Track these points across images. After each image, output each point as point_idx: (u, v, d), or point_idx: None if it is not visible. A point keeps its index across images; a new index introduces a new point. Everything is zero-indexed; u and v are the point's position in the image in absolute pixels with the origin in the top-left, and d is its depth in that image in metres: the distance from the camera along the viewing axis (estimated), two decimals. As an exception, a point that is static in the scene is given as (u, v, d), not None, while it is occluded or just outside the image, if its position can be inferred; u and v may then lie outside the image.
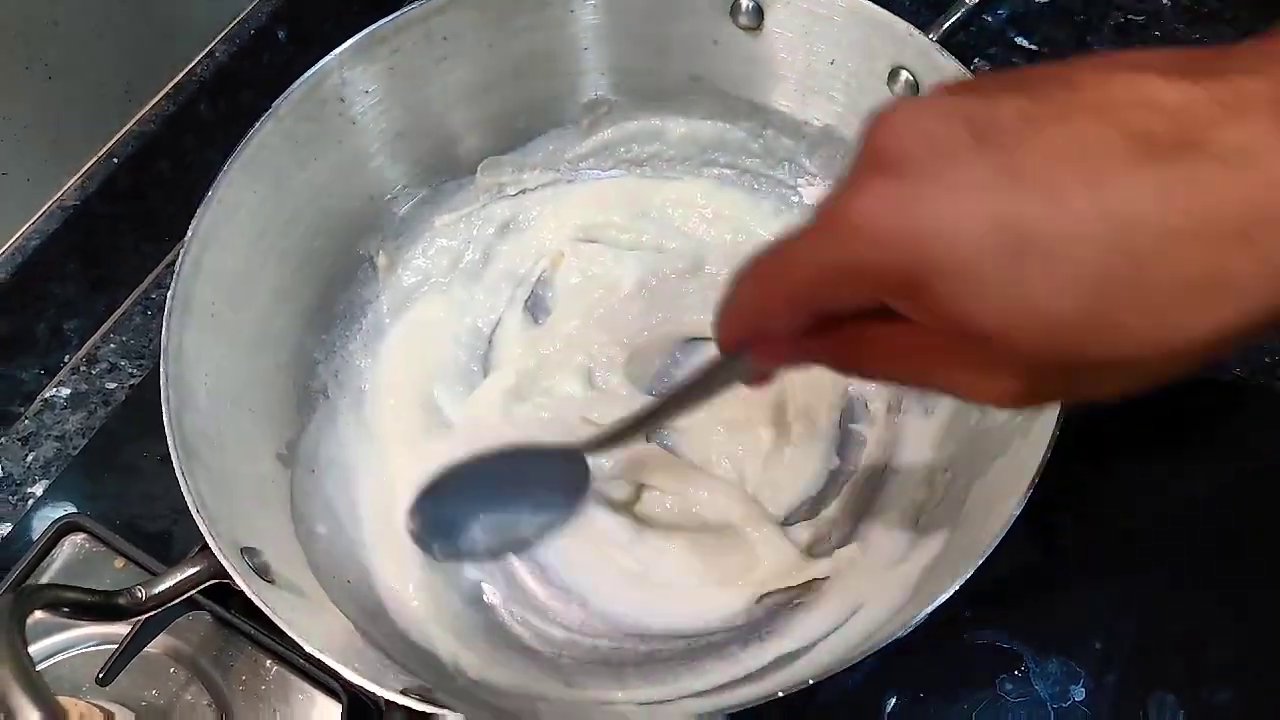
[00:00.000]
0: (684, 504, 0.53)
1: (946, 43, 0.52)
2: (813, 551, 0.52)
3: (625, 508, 0.53)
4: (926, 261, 0.24)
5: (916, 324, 0.26)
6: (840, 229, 0.25)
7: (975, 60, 0.71)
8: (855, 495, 0.53)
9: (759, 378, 0.36)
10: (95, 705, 0.48)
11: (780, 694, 0.37)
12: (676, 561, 0.52)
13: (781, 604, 0.50)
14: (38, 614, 0.39)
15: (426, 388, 0.58)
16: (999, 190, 0.23)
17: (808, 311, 0.28)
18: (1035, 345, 0.24)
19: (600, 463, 0.52)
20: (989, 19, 0.73)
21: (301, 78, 0.53)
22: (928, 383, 0.29)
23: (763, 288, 0.29)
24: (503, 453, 0.50)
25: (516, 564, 0.53)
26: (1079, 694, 0.51)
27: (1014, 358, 0.25)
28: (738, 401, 0.53)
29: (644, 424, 0.44)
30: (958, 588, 0.38)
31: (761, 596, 0.50)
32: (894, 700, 0.51)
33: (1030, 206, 0.23)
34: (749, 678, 0.47)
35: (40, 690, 0.35)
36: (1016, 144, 0.24)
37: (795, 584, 0.50)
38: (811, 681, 0.37)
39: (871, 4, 0.51)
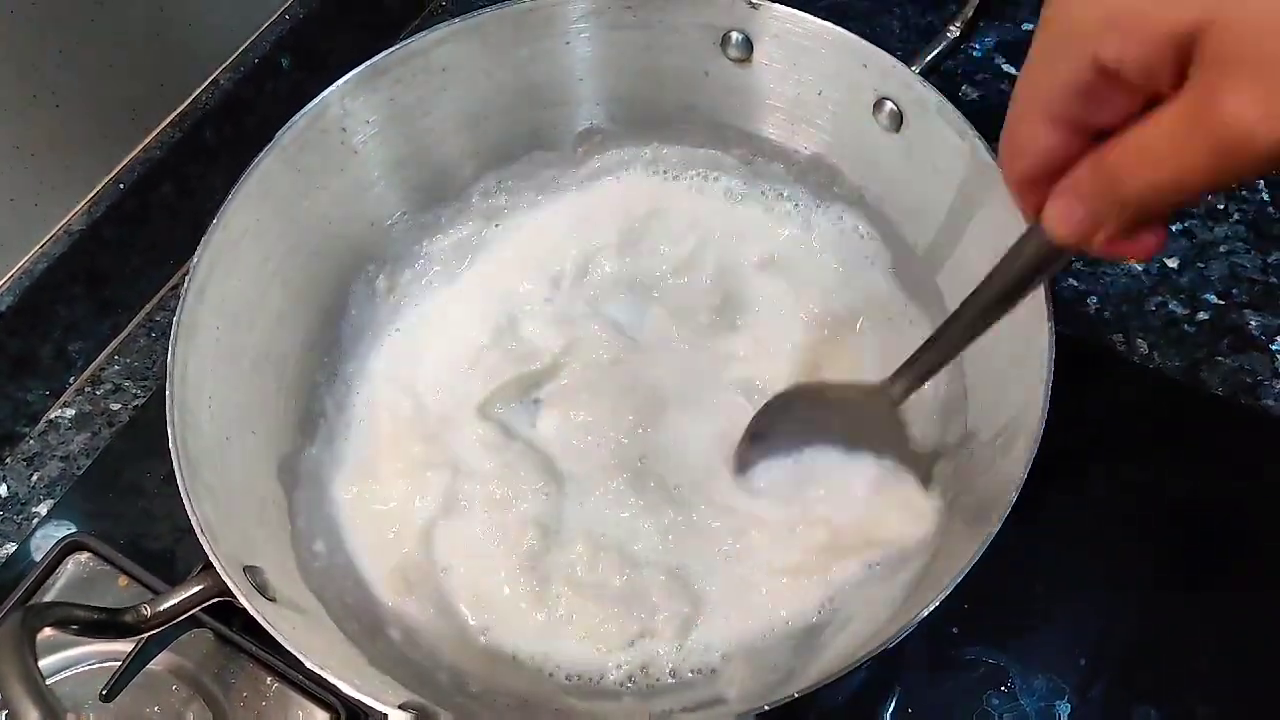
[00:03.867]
0: None
1: (933, 71, 0.53)
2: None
3: None
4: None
5: (1168, 110, 0.25)
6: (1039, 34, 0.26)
7: (964, 87, 0.73)
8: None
9: (1051, 255, 0.33)
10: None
11: (766, 707, 0.38)
12: None
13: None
14: (44, 631, 0.40)
15: (424, 409, 0.58)
16: None
17: (1070, 123, 0.27)
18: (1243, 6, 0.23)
19: None
20: (977, 47, 0.74)
21: (304, 108, 0.54)
22: (1179, 167, 0.25)
23: (1022, 111, 0.28)
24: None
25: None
26: (1064, 709, 0.52)
27: (1234, 43, 0.23)
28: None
29: (946, 344, 0.42)
30: (938, 604, 0.39)
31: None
32: (883, 718, 0.52)
33: None
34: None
35: (53, 706, 0.35)
36: None
37: None
38: (796, 694, 0.38)
39: (856, 37, 0.52)
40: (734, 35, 0.56)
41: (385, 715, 0.40)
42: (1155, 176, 0.26)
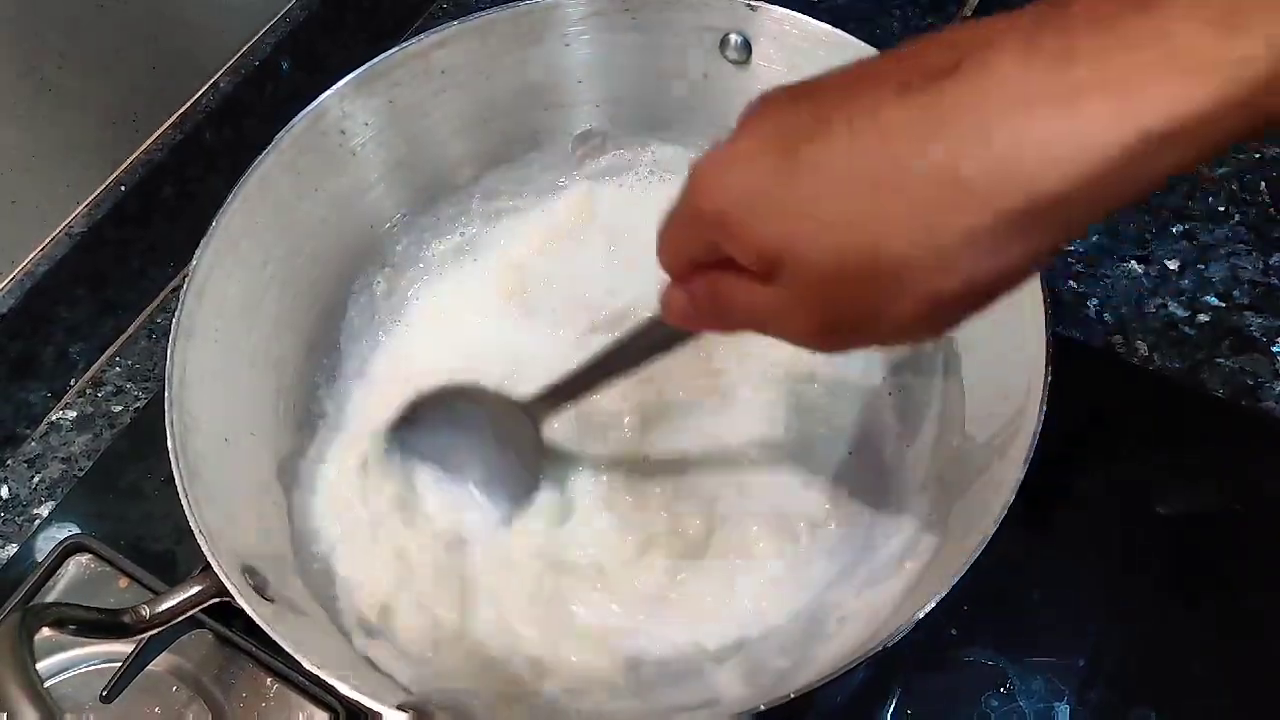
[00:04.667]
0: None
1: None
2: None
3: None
4: (728, 199, 0.30)
5: (745, 270, 0.31)
6: (683, 191, 0.32)
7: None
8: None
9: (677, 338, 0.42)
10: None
11: (762, 707, 0.38)
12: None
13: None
14: (43, 632, 0.40)
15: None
16: (779, 138, 0.29)
17: (684, 257, 0.34)
18: (814, 251, 0.29)
19: None
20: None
21: (303, 111, 0.54)
22: (756, 324, 0.33)
23: (661, 239, 0.35)
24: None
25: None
26: (1063, 711, 0.52)
27: (804, 276, 0.29)
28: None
29: (581, 382, 0.48)
30: (935, 604, 0.39)
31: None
32: (882, 719, 0.52)
33: (802, 133, 0.28)
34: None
35: (50, 707, 0.36)
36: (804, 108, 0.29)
37: None
38: (792, 695, 0.38)
39: (854, 38, 0.52)
40: (733, 37, 0.56)
41: (382, 716, 0.40)
42: (752, 321, 0.33)
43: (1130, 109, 0.24)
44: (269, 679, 0.53)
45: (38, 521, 0.61)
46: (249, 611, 0.41)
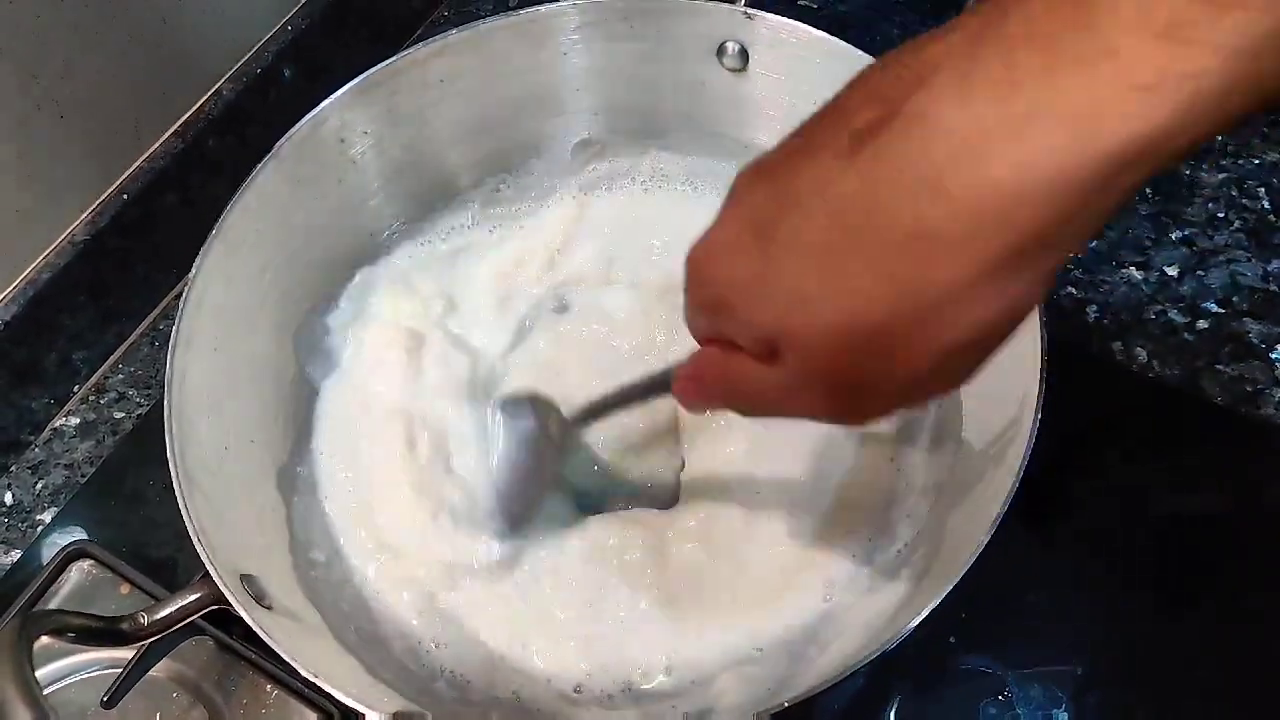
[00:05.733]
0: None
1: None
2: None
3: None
4: (719, 287, 0.30)
5: (750, 355, 0.31)
6: (685, 277, 0.33)
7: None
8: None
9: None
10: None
11: (754, 716, 0.38)
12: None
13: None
14: (44, 639, 0.40)
15: (417, 419, 0.59)
16: (751, 222, 0.29)
17: (702, 336, 0.34)
18: (805, 330, 0.28)
19: None
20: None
21: (303, 120, 0.54)
22: (771, 407, 0.33)
23: (687, 313, 0.35)
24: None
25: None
26: (1061, 718, 0.52)
27: (803, 355, 0.29)
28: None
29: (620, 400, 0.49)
30: (929, 612, 0.39)
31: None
32: (879, 725, 0.52)
33: (768, 214, 0.28)
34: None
35: (46, 714, 0.36)
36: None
37: None
38: (786, 703, 0.38)
39: (850, 45, 0.52)
40: (730, 45, 0.56)
41: (376, 723, 0.41)
42: (766, 407, 0.33)
43: (1088, 135, 0.23)
44: (268, 685, 0.53)
45: (40, 527, 0.61)
46: (246, 619, 0.42)
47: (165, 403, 0.47)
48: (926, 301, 0.26)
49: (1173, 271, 0.65)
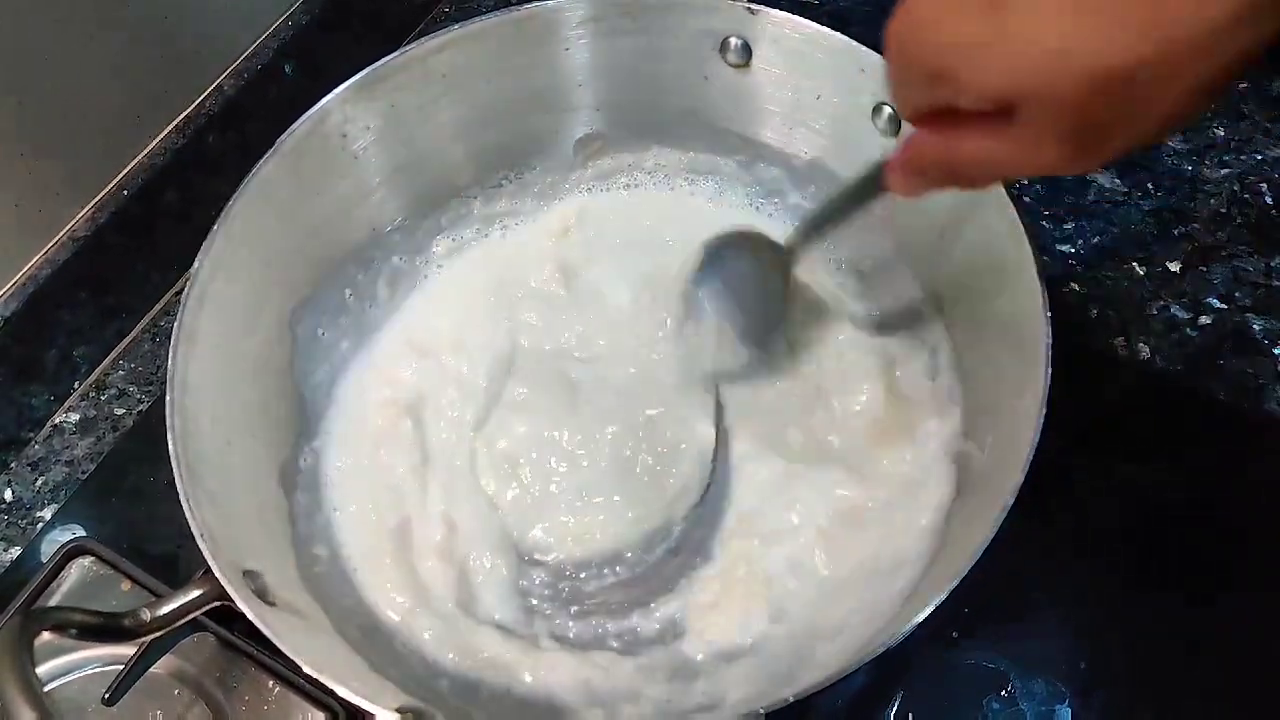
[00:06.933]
0: None
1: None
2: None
3: None
4: (943, 55, 0.31)
5: (974, 119, 0.32)
6: (888, 53, 0.33)
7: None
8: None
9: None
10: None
11: (762, 710, 0.38)
12: None
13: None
14: (46, 635, 0.40)
15: (419, 414, 0.59)
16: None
17: (913, 110, 0.35)
18: (1049, 85, 0.29)
19: None
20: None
21: (305, 115, 0.54)
22: (994, 170, 0.34)
23: (892, 96, 0.36)
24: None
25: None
26: (1064, 714, 0.52)
27: (1046, 109, 0.30)
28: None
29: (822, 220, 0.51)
30: (935, 607, 0.39)
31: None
32: (882, 721, 0.52)
33: None
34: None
35: (46, 710, 0.36)
36: None
37: None
38: (792, 698, 0.38)
39: (853, 41, 0.52)
40: (733, 40, 0.56)
41: (379, 719, 0.41)
42: (992, 172, 0.35)
43: None
44: (271, 681, 0.53)
45: (41, 524, 0.61)
46: (249, 615, 0.41)
47: (168, 398, 0.47)
48: (1199, 37, 0.27)
49: (1175, 267, 0.65)
